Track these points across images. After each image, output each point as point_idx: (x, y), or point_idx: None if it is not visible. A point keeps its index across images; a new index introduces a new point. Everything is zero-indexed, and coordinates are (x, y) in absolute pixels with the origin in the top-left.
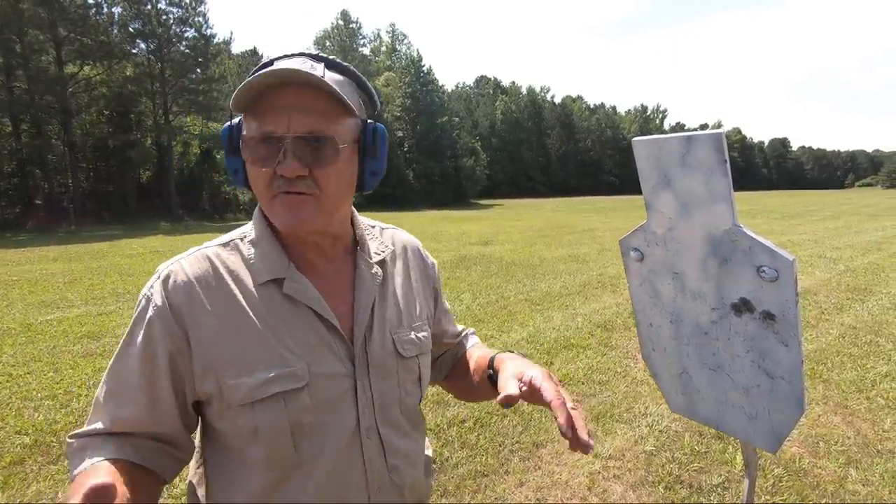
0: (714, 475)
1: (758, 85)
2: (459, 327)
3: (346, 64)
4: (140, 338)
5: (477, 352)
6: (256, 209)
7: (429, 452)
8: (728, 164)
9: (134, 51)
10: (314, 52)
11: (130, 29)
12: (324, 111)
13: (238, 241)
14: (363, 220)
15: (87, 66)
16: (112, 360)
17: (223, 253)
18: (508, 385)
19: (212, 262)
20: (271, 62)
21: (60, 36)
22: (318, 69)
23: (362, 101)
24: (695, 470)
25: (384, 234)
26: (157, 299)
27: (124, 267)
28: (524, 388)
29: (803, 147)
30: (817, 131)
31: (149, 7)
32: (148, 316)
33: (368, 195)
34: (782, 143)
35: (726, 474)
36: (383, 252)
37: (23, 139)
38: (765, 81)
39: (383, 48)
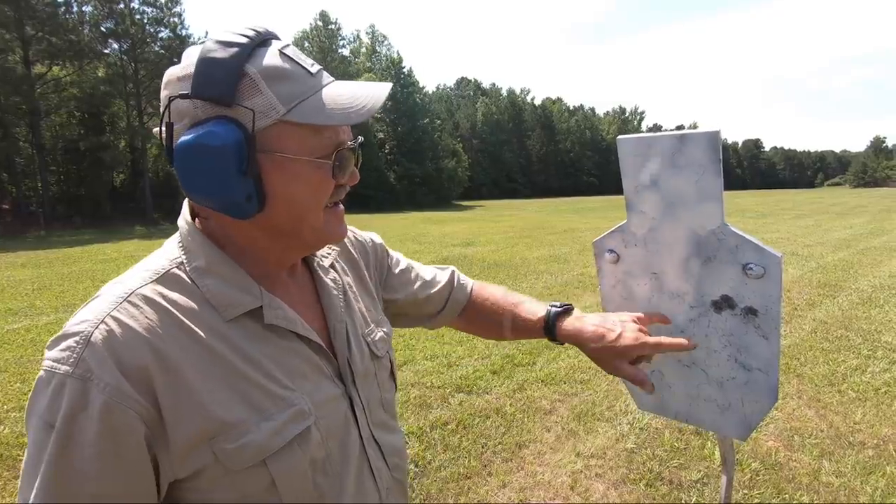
0: (693, 471)
1: (732, 87)
2: (432, 269)
3: None
4: (92, 437)
5: (499, 292)
6: (187, 230)
7: None
8: (721, 164)
9: (106, 51)
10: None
11: (102, 28)
12: None
13: (175, 271)
14: None
15: (56, 67)
16: (34, 491)
17: (164, 290)
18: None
19: (158, 305)
20: (315, 72)
21: (28, 35)
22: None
23: None
24: (675, 466)
25: None
26: (103, 373)
27: (97, 272)
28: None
29: (775, 148)
30: (788, 132)
31: (121, 6)
32: (97, 402)
33: (348, 197)
34: (755, 144)
35: (705, 470)
36: (330, 254)
37: None
38: (739, 83)
39: (363, 49)
